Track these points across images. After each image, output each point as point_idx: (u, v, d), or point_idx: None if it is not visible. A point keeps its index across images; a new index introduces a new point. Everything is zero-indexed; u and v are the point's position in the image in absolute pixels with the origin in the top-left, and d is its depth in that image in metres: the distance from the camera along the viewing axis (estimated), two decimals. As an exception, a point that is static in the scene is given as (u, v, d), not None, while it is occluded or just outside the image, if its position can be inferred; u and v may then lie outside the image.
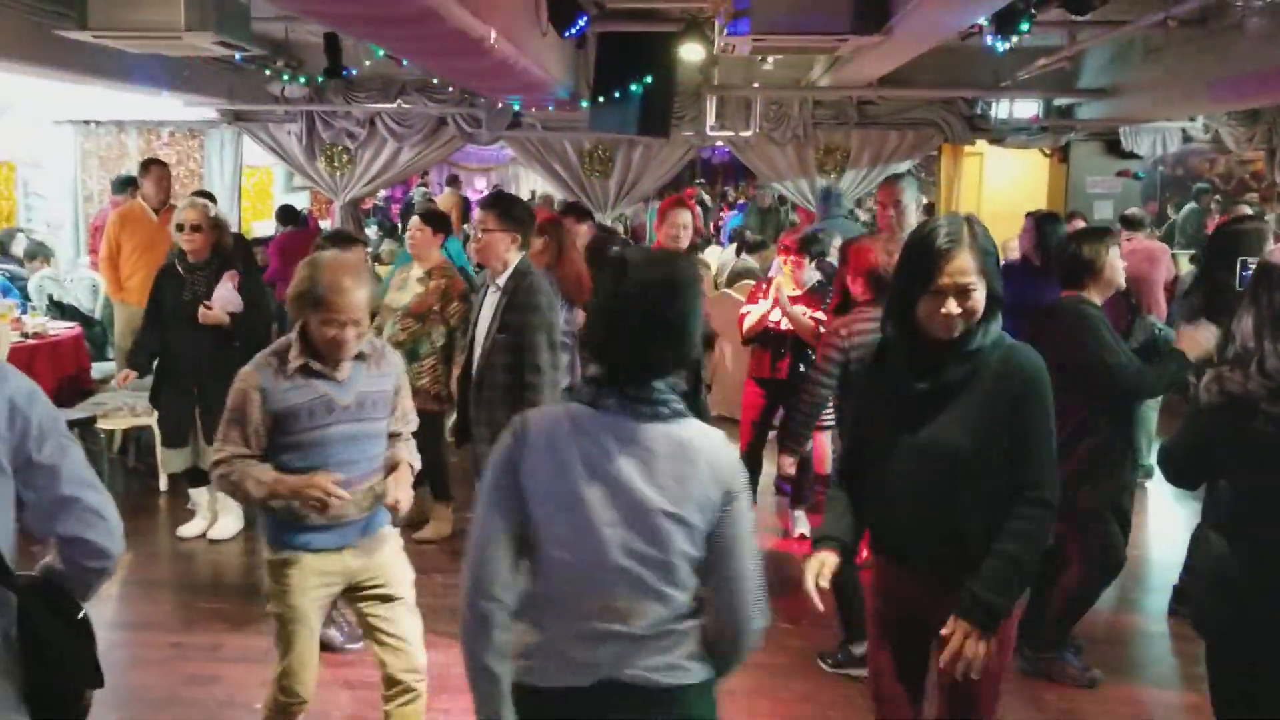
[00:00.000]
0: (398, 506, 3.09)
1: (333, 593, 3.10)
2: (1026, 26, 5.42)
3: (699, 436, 1.97)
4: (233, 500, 5.73)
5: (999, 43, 5.68)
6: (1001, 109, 9.55)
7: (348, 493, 2.89)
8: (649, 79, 7.55)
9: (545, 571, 1.97)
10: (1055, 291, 5.46)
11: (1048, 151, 10.45)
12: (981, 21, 5.66)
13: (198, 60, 7.24)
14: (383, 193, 13.08)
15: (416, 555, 5.44)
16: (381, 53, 7.60)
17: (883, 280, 3.83)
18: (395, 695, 3.15)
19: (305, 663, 3.05)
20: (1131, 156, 10.05)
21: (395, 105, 9.27)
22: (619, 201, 9.83)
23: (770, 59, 8.45)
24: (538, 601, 1.98)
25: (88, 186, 10.05)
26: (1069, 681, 4.16)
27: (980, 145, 10.41)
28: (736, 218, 14.57)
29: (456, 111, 9.32)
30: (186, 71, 7.70)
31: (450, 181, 15.68)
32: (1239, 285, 4.33)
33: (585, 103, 8.23)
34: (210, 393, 5.38)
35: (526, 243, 4.24)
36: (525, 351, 4.05)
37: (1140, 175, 10.66)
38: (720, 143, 10.18)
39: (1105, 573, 4.07)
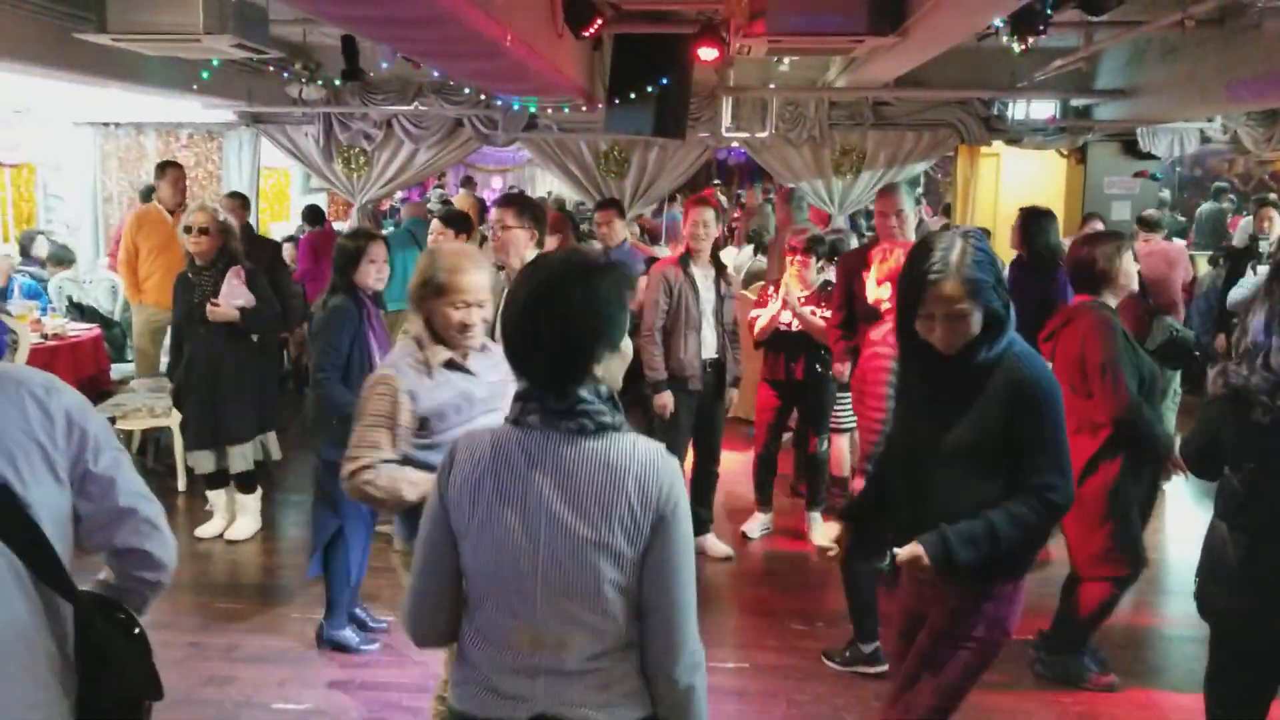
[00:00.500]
0: None
1: None
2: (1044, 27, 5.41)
3: (627, 453, 1.81)
4: (250, 501, 5.78)
5: (1015, 44, 5.67)
6: (1018, 110, 9.51)
7: None
8: (665, 80, 7.55)
9: (474, 601, 1.88)
10: (1044, 287, 5.43)
11: (1065, 152, 10.40)
12: (997, 23, 5.64)
13: (216, 62, 7.28)
14: (399, 194, 13.09)
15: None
16: (385, 65, 7.65)
17: None
18: None
19: None
20: (1149, 157, 9.99)
21: (412, 107, 9.30)
22: (635, 203, 9.83)
23: (786, 60, 8.44)
24: (469, 631, 1.90)
25: (107, 188, 10.11)
26: (1086, 686, 4.15)
27: (997, 146, 10.37)
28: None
29: (473, 113, 9.35)
30: (205, 74, 7.74)
31: (465, 183, 15.71)
32: None
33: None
34: (228, 391, 5.43)
35: (543, 240, 4.27)
36: None
37: (1158, 176, 10.60)
38: (736, 144, 10.17)
39: (1130, 575, 4.05)
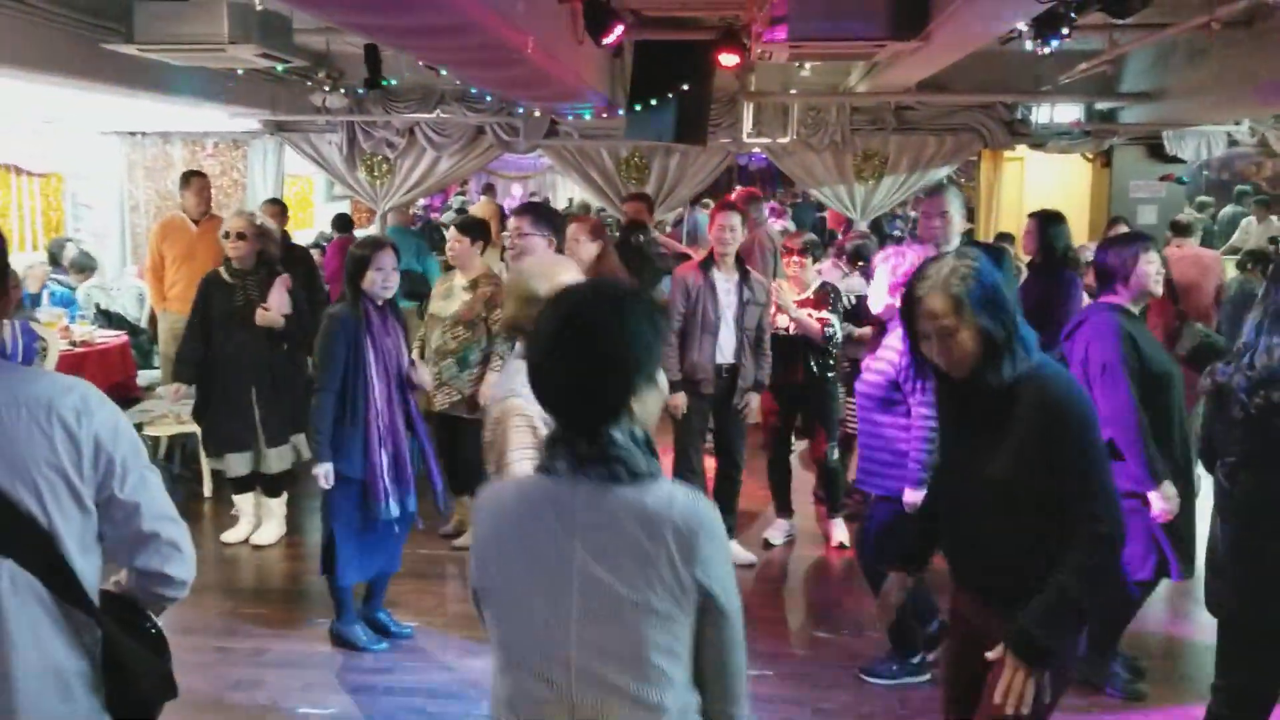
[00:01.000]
0: None
1: None
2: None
3: (664, 502, 1.64)
4: (275, 506, 5.83)
5: (1039, 47, 5.63)
6: (1042, 114, 9.44)
7: None
8: (685, 86, 7.56)
9: (502, 669, 1.72)
10: (1060, 292, 5.38)
11: (1090, 156, 10.33)
12: (1021, 26, 5.61)
13: (241, 72, 7.35)
14: (421, 201, 13.17)
15: (455, 562, 5.51)
16: (409, 72, 7.69)
17: None
18: None
19: None
20: (1175, 161, 9.91)
21: (434, 115, 9.34)
22: (656, 209, 9.84)
23: (808, 65, 8.43)
24: (500, 701, 1.74)
25: (134, 197, 10.20)
26: (1115, 693, 4.11)
27: (1021, 150, 10.32)
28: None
29: (494, 120, 9.38)
30: (230, 83, 7.82)
31: (486, 190, 15.75)
32: None
33: (621, 110, 8.26)
34: (265, 394, 5.50)
35: (560, 248, 4.28)
36: None
37: (1184, 180, 10.51)
38: (757, 149, 10.17)
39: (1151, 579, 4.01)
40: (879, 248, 5.89)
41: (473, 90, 8.78)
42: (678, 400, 5.29)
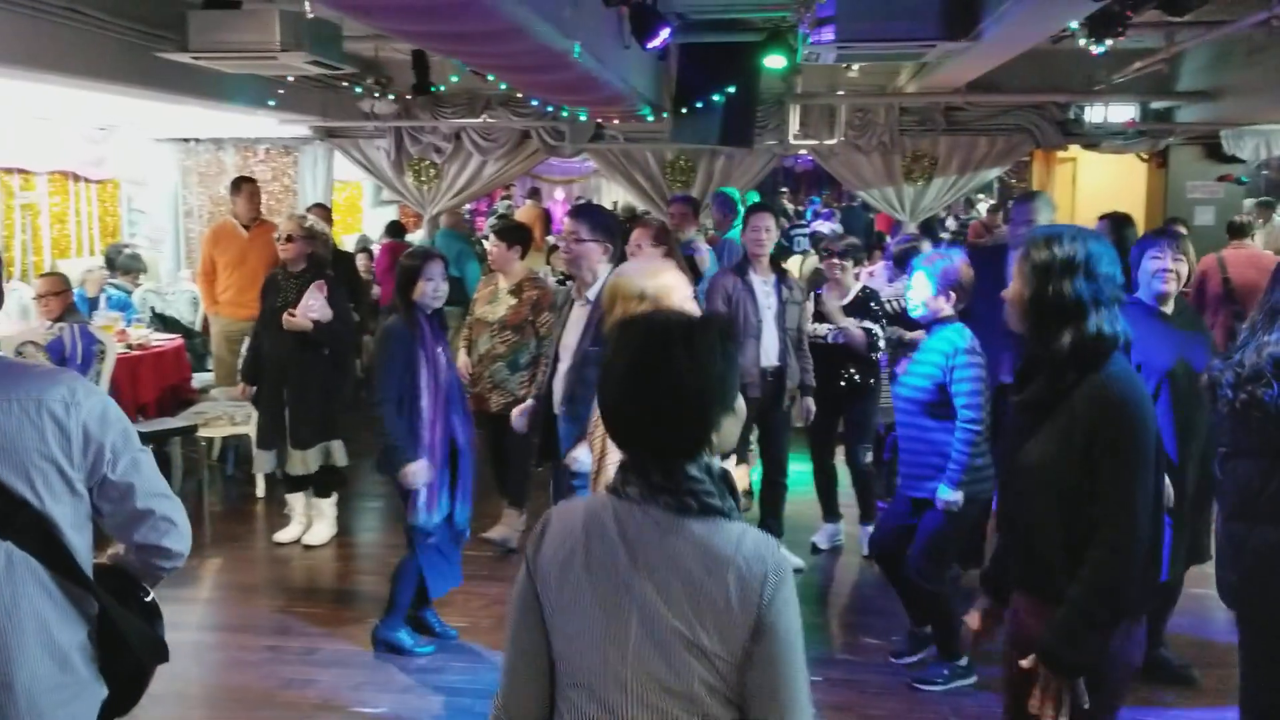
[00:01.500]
0: None
1: None
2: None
3: (732, 542, 1.60)
4: (326, 507, 5.89)
5: (1093, 46, 5.54)
6: (1096, 113, 9.26)
7: None
8: (731, 89, 7.54)
9: (561, 689, 1.69)
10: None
11: (1145, 156, 10.14)
12: (1073, 25, 5.52)
13: (291, 79, 7.45)
14: (468, 205, 13.25)
15: (501, 563, 5.52)
16: (456, 78, 7.75)
17: None
18: None
19: None
20: (1234, 160, 9.70)
21: (480, 120, 9.41)
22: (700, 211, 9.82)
23: (855, 66, 8.36)
24: None
25: (187, 202, 10.38)
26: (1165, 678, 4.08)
27: (1073, 150, 10.16)
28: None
29: (540, 125, 9.43)
30: (281, 90, 7.93)
31: (531, 194, 15.81)
32: None
33: (666, 114, 8.26)
34: (292, 396, 5.57)
35: (616, 255, 4.18)
36: None
37: (1244, 180, 10.28)
38: (804, 151, 10.11)
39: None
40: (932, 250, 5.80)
41: (518, 95, 8.83)
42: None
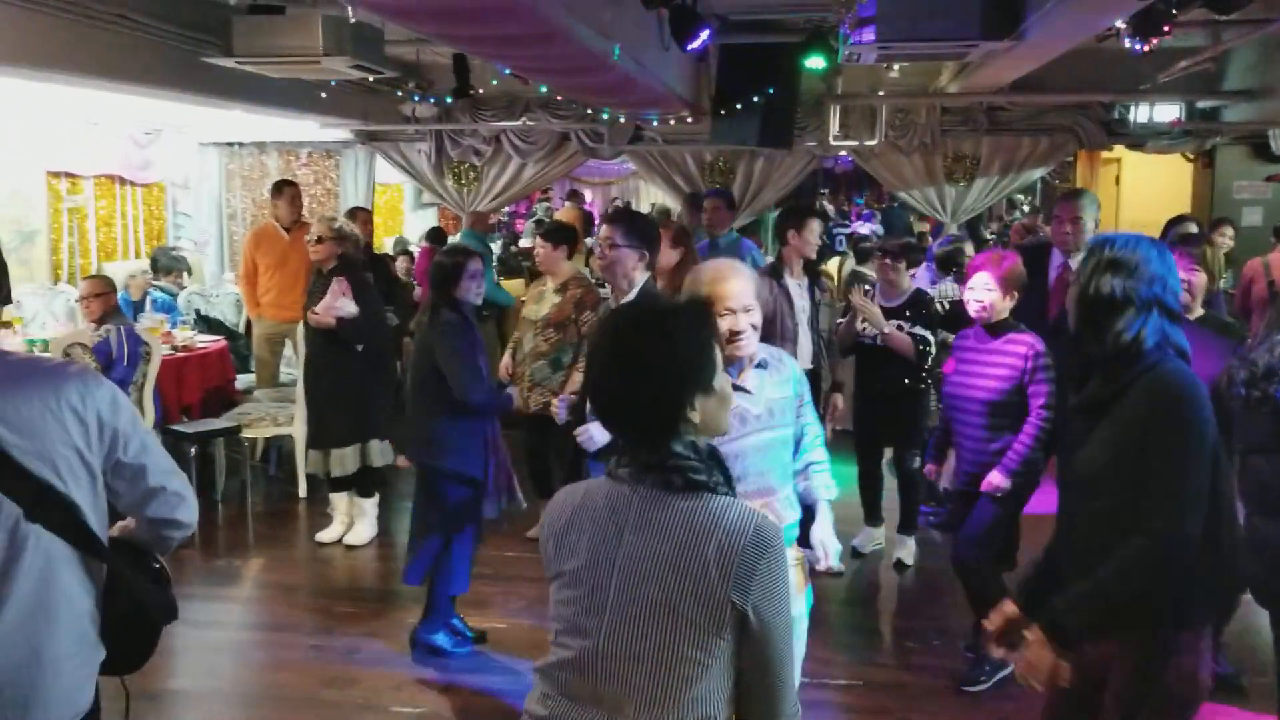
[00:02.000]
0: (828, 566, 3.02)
1: None
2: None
3: (715, 515, 1.67)
4: (368, 506, 5.94)
5: (1137, 44, 5.47)
6: (1141, 113, 9.13)
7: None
8: (771, 90, 7.51)
9: (552, 648, 1.81)
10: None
11: (1191, 156, 9.99)
12: (1118, 23, 5.45)
13: (334, 83, 7.52)
14: (507, 208, 13.31)
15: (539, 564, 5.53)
16: (495, 81, 7.78)
17: None
18: None
19: None
20: (1282, 160, 9.55)
21: (520, 122, 9.45)
22: (740, 214, 9.80)
23: (896, 66, 8.30)
24: (541, 673, 1.83)
25: (231, 205, 10.53)
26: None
27: (1118, 151, 10.03)
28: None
29: (579, 127, 9.45)
30: (323, 94, 8.01)
31: (570, 196, 15.86)
32: None
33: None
34: (324, 396, 5.64)
35: (653, 263, 4.15)
36: None
37: (1292, 179, 10.11)
38: (844, 152, 10.05)
39: None
40: (976, 251, 5.73)
41: (558, 97, 8.86)
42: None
